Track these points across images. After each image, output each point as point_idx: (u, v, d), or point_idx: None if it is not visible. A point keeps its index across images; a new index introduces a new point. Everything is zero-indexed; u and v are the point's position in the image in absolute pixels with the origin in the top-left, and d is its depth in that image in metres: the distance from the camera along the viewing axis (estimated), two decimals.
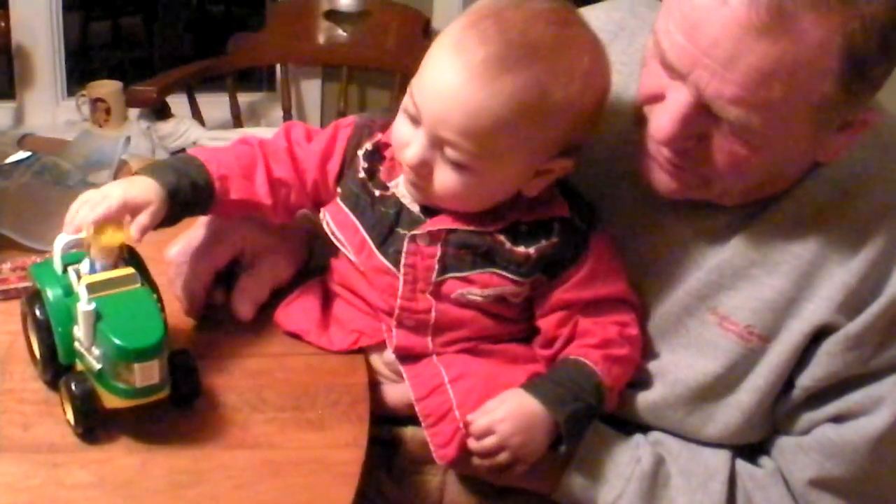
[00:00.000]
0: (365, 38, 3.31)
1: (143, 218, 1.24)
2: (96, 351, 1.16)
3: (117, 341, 1.13)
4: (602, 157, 1.39)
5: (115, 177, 1.76)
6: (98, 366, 1.16)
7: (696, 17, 1.14)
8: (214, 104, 3.35)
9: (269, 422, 1.25)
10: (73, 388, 1.17)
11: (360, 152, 1.36)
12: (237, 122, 3.27)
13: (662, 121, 1.21)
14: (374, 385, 1.36)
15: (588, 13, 1.38)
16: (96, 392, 1.17)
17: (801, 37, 1.10)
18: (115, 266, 1.20)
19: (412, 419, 1.35)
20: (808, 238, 1.29)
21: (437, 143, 1.24)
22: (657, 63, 1.21)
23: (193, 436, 1.21)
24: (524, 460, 1.29)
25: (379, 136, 1.36)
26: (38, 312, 1.21)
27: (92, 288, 1.16)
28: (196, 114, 3.16)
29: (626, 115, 1.33)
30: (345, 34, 3.32)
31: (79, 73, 3.90)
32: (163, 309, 1.22)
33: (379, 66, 3.30)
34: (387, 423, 1.38)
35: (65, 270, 1.21)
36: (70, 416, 1.19)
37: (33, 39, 3.34)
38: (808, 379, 1.30)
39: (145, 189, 1.26)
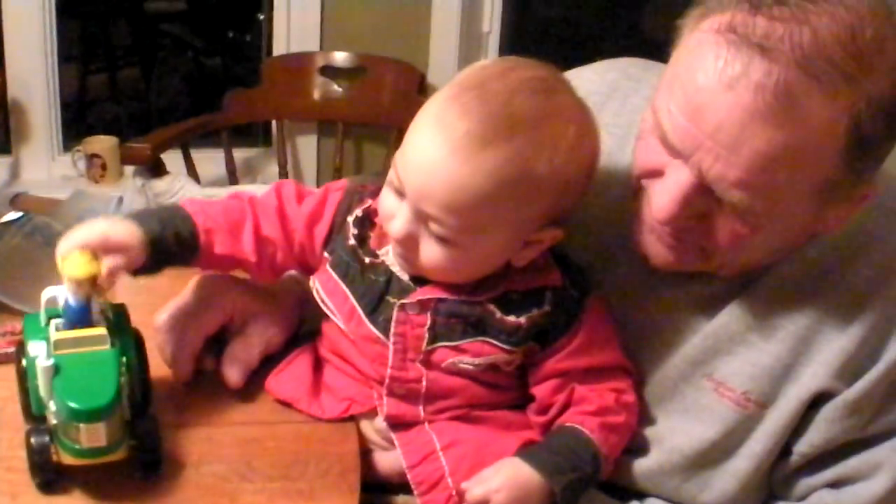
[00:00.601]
0: (360, 94, 3.32)
1: (118, 259, 1.23)
2: (53, 406, 1.16)
3: (64, 400, 1.14)
4: (596, 221, 1.38)
5: None
6: (54, 421, 1.17)
7: (700, 101, 1.13)
8: (210, 160, 3.35)
9: (258, 492, 1.23)
10: (31, 439, 1.18)
11: (350, 219, 1.35)
12: (233, 177, 3.28)
13: (663, 201, 1.19)
14: (365, 452, 1.35)
15: (580, 74, 1.38)
16: (52, 446, 1.18)
17: (808, 121, 1.09)
18: (87, 300, 1.19)
19: (404, 487, 1.32)
20: (806, 303, 1.28)
21: (421, 218, 1.23)
22: (657, 140, 1.20)
23: None
24: None
25: (369, 203, 1.35)
26: (22, 361, 1.22)
27: (58, 344, 1.17)
28: (191, 170, 3.15)
29: (619, 179, 1.33)
30: (340, 90, 3.34)
31: (76, 126, 3.91)
32: (145, 372, 1.25)
33: (374, 121, 3.32)
34: (378, 492, 1.36)
35: (48, 323, 1.21)
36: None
37: (29, 95, 3.34)
38: (805, 445, 1.29)
39: (127, 232, 1.25)
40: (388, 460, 1.35)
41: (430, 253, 1.24)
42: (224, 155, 3.27)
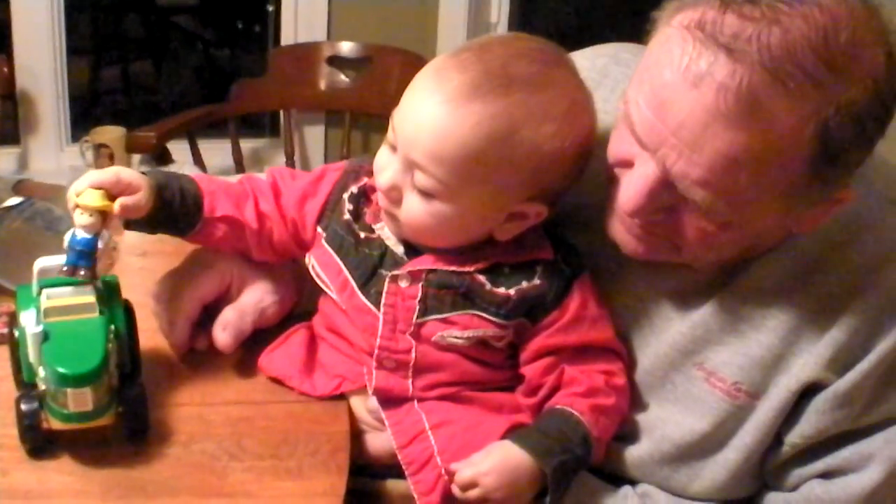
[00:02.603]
0: (367, 84, 3.31)
1: (128, 199, 1.25)
2: (42, 372, 1.18)
3: (52, 365, 1.16)
4: (588, 203, 1.37)
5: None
6: (43, 386, 1.19)
7: (665, 96, 1.12)
8: (217, 150, 3.36)
9: (247, 470, 1.23)
10: (22, 405, 1.20)
11: (346, 195, 1.36)
12: (239, 167, 3.27)
13: (629, 193, 1.19)
14: (357, 434, 1.35)
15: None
16: (42, 413, 1.20)
17: (772, 125, 1.07)
18: (96, 235, 1.22)
19: (395, 470, 1.33)
20: (797, 293, 1.27)
21: (408, 168, 1.24)
22: (627, 130, 1.20)
23: (170, 484, 1.20)
24: None
25: (365, 181, 1.36)
26: (14, 331, 1.24)
27: (48, 312, 1.20)
28: (198, 160, 3.15)
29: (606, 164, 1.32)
30: (347, 80, 3.33)
31: (88, 118, 3.92)
32: (134, 340, 1.28)
33: (382, 111, 3.25)
34: (367, 476, 1.36)
35: (40, 293, 1.23)
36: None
37: (37, 85, 3.35)
38: (796, 436, 1.29)
39: (137, 176, 1.27)
40: (379, 441, 1.35)
41: (412, 207, 1.26)
42: (231, 145, 3.28)
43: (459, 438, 1.29)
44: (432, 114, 1.21)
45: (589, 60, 1.44)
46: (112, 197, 1.24)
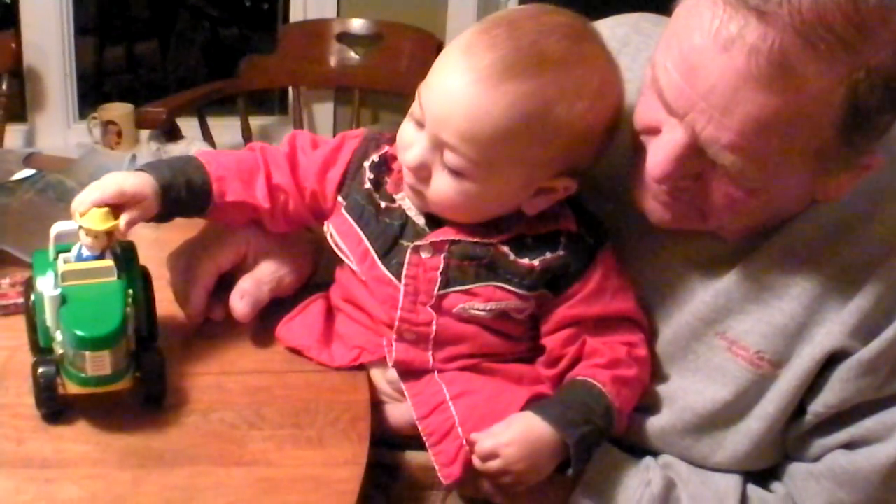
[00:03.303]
0: (377, 61, 3.30)
1: (134, 212, 1.24)
2: (59, 337, 1.18)
3: (70, 329, 1.15)
4: (608, 174, 1.36)
5: None
6: (60, 350, 1.18)
7: (695, 60, 1.11)
8: (226, 127, 3.36)
9: (266, 439, 1.23)
10: (38, 370, 1.20)
11: (367, 164, 1.35)
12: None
13: (657, 159, 1.19)
14: (376, 405, 1.34)
15: None
16: (59, 378, 1.19)
17: (803, 88, 1.07)
18: (102, 254, 1.21)
19: (414, 441, 1.32)
20: (821, 261, 1.26)
21: (437, 146, 1.22)
22: (655, 96, 1.19)
23: (189, 452, 1.19)
24: (527, 482, 1.27)
25: (386, 149, 1.35)
26: (30, 296, 1.23)
27: (66, 276, 1.19)
28: (207, 136, 3.15)
29: (628, 133, 1.31)
30: (357, 57, 3.32)
31: (94, 97, 3.91)
32: (151, 305, 1.28)
33: (391, 88, 3.29)
34: (386, 447, 1.35)
35: (56, 258, 1.23)
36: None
37: (45, 62, 3.35)
38: (820, 405, 1.28)
39: (141, 182, 1.27)
40: (399, 412, 1.34)
41: (442, 185, 1.24)
42: (240, 122, 3.27)
43: (480, 409, 1.28)
44: (465, 93, 1.19)
45: (609, 29, 1.42)
46: (117, 208, 1.23)
